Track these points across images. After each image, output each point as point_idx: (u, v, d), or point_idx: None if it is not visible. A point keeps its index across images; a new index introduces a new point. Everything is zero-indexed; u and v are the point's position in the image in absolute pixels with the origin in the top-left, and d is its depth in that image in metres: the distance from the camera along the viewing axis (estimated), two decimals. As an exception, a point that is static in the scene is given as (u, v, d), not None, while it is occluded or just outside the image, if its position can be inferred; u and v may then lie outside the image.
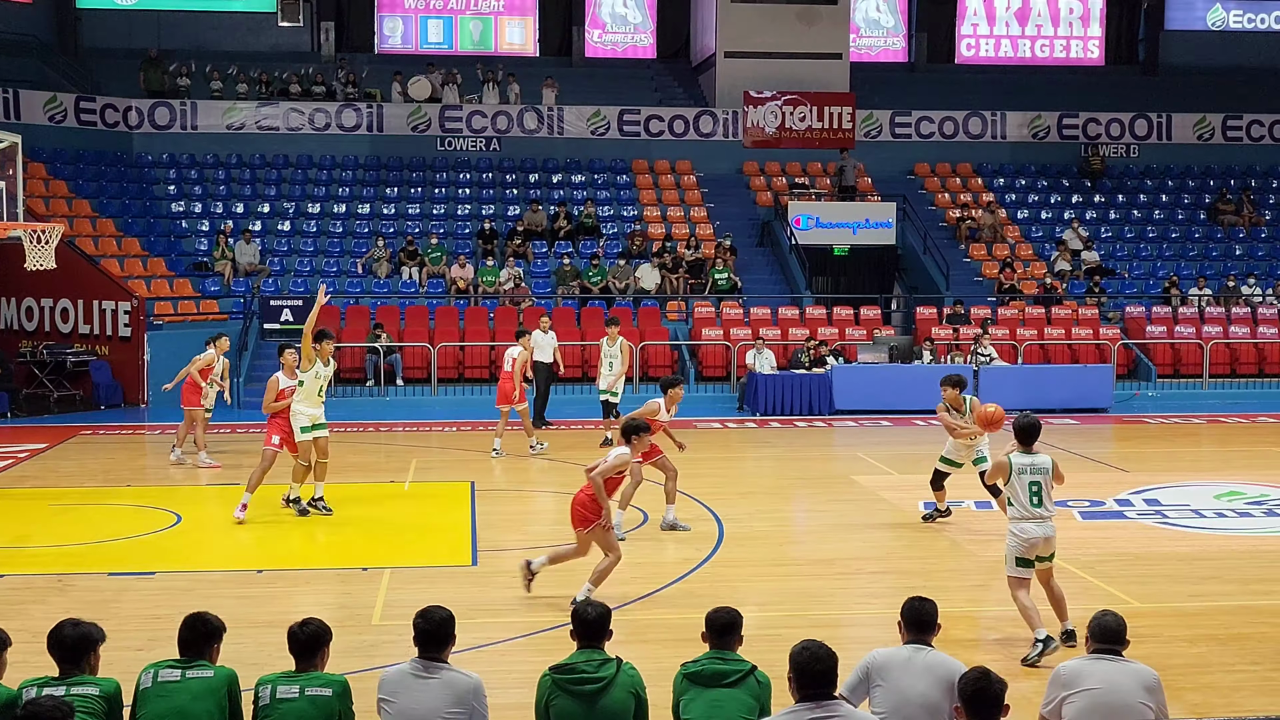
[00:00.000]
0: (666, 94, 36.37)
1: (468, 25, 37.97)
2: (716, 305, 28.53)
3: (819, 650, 5.78)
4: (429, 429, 22.34)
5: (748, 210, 33.17)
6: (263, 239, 30.44)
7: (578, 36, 38.12)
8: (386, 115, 33.47)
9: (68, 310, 24.98)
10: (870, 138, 34.45)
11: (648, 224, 31.82)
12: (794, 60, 34.20)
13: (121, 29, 35.57)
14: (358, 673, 7.88)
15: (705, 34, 36.33)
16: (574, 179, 33.73)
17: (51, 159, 30.63)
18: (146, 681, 6.35)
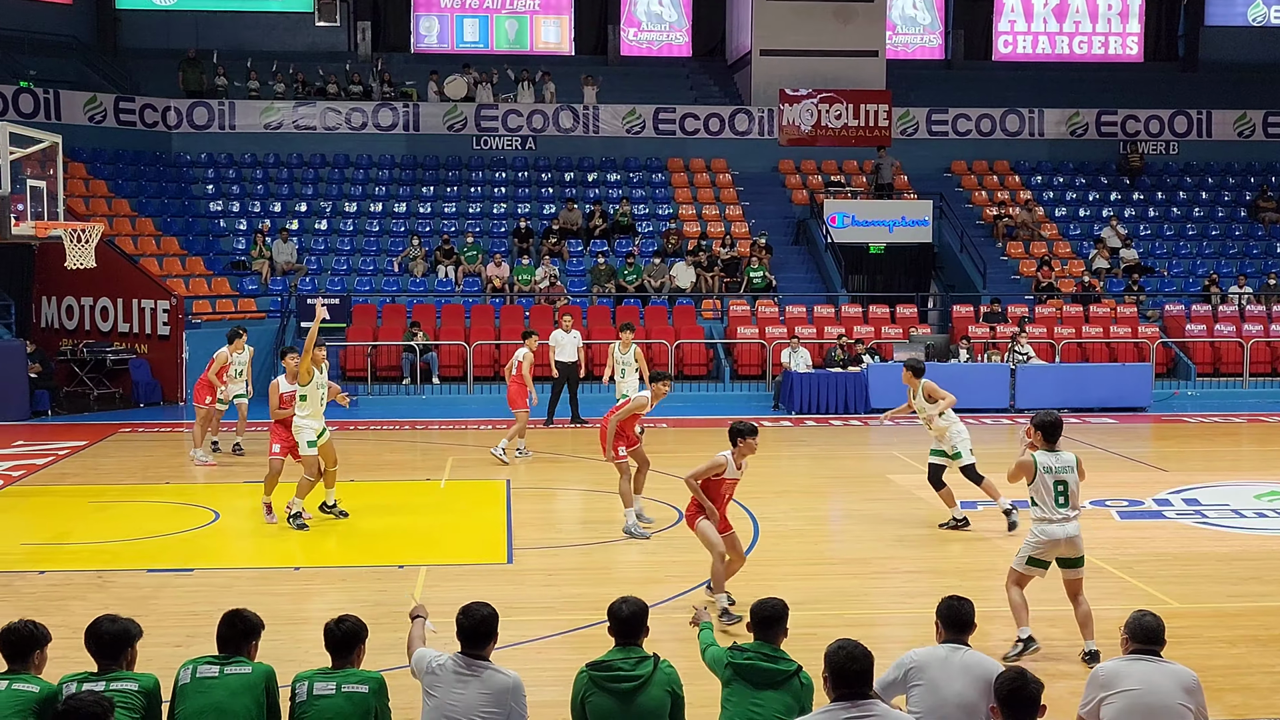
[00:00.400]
0: (702, 92, 36.33)
1: (503, 24, 38.04)
2: (752, 304, 28.48)
3: (855, 649, 5.76)
4: (464, 427, 22.40)
5: (783, 208, 33.10)
6: (300, 238, 30.61)
7: (613, 35, 38.13)
8: (422, 114, 33.59)
9: (107, 309, 25.19)
10: (906, 135, 34.32)
11: (683, 222, 31.80)
12: (830, 58, 34.08)
13: (160, 29, 35.83)
14: (394, 669, 7.90)
15: (741, 32, 36.26)
16: (609, 177, 33.75)
17: (91, 159, 30.89)
18: (185, 677, 6.40)
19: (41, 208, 14.37)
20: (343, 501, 14.79)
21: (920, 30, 39.15)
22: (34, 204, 14.21)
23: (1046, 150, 35.26)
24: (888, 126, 33.35)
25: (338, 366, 26.15)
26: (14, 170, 13.69)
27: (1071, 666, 9.23)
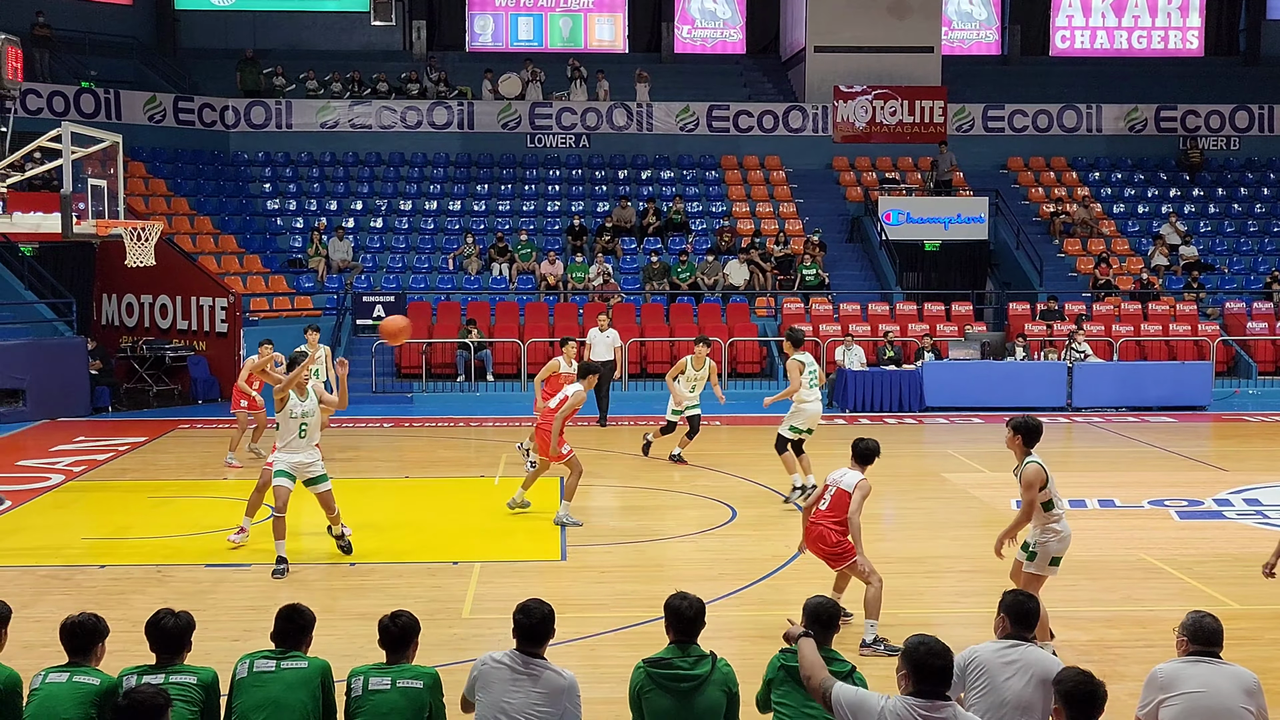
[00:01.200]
0: (756, 89, 36.25)
1: (558, 22, 38.13)
2: (805, 301, 28.38)
3: (936, 645, 5.62)
4: (519, 424, 22.45)
5: (837, 206, 32.96)
6: (355, 236, 30.82)
7: (667, 33, 38.11)
8: (477, 113, 33.73)
9: (166, 306, 25.46)
10: (962, 132, 34.08)
11: (736, 220, 31.74)
12: (885, 54, 33.90)
13: (219, 30, 36.21)
14: (447, 665, 7.94)
15: (795, 28, 36.14)
16: (663, 175, 33.75)
17: (151, 158, 31.26)
18: (242, 672, 6.47)
19: (102, 206, 14.53)
20: (398, 496, 14.87)
21: (976, 26, 38.85)
22: (95, 203, 14.38)
23: (1105, 146, 34.90)
24: (943, 123, 33.13)
25: (393, 363, 26.32)
26: (76, 169, 13.85)
27: (1129, 667, 9.13)
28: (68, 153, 13.68)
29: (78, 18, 33.03)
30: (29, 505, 15.36)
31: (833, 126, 33.51)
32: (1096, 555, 12.74)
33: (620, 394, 24.73)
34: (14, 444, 19.92)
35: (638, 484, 16.87)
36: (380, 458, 19.10)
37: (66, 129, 13.85)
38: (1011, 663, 6.37)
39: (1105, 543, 13.35)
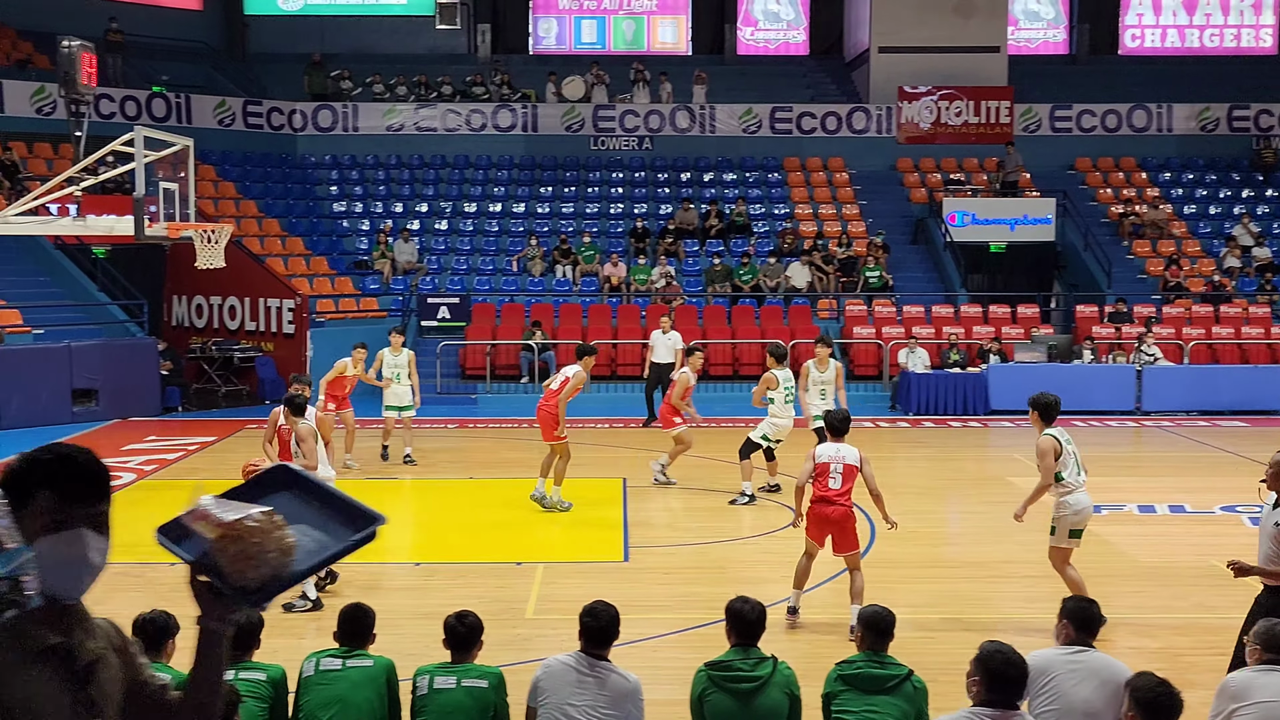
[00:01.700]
0: (819, 90, 36.11)
1: (621, 25, 38.21)
2: (868, 303, 28.24)
3: (1013, 655, 5.52)
4: (581, 426, 22.51)
5: (901, 207, 32.77)
6: (420, 238, 31.05)
7: (730, 34, 38.07)
8: (541, 115, 33.87)
9: (235, 308, 25.78)
10: (1029, 132, 33.76)
11: (799, 222, 31.64)
12: (950, 54, 33.63)
13: (286, 34, 36.62)
14: (511, 665, 7.99)
15: (859, 29, 35.97)
16: (726, 177, 33.71)
17: (220, 161, 31.66)
18: (309, 670, 6.55)
19: (173, 209, 14.76)
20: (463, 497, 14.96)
21: (1044, 25, 38.47)
22: (166, 206, 14.61)
23: (1175, 146, 34.42)
24: (1009, 123, 32.84)
25: (458, 365, 26.47)
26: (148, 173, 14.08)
27: (1200, 675, 9.00)
28: (140, 156, 13.91)
29: (150, 24, 33.53)
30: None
31: (897, 127, 33.31)
32: (1167, 561, 12.60)
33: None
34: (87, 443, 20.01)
35: (699, 485, 16.85)
36: (445, 459, 19.22)
37: (139, 133, 14.08)
38: (1078, 669, 6.29)
39: (1176, 549, 13.19)
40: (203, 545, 2.85)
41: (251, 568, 2.82)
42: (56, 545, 2.83)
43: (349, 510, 3.02)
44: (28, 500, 2.86)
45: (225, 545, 2.80)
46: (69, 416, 21.77)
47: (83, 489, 2.94)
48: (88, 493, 2.94)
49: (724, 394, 24.24)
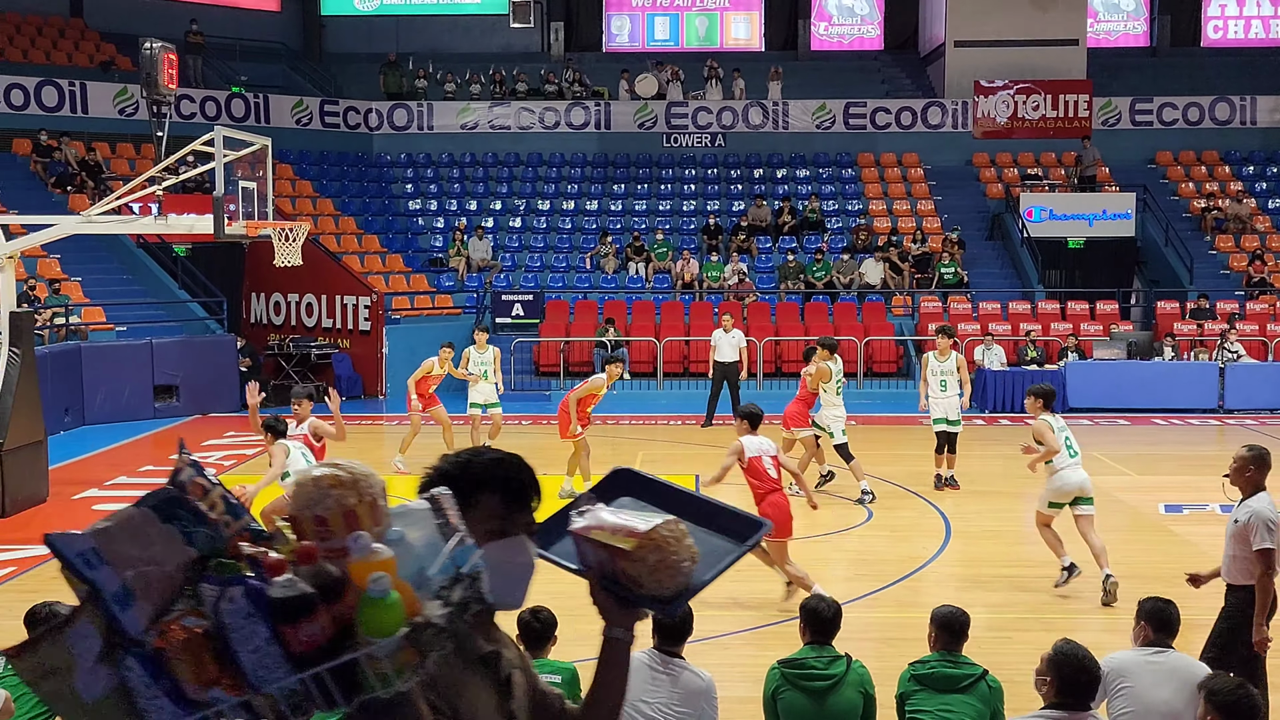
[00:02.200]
0: (893, 85, 35.86)
1: (694, 21, 38.17)
2: (943, 300, 28.00)
3: (1087, 660, 5.45)
4: (654, 422, 22.56)
5: (977, 203, 32.45)
6: (495, 235, 31.23)
7: (803, 30, 37.90)
8: (614, 113, 33.93)
9: (312, 305, 26.07)
10: (1108, 126, 33.28)
11: (873, 218, 31.44)
12: (1027, 47, 33.24)
13: (362, 34, 36.99)
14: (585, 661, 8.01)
15: (934, 23, 35.66)
16: (798, 173, 33.57)
17: (298, 160, 32.04)
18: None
19: (252, 208, 14.94)
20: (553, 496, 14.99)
21: (1124, 17, 37.90)
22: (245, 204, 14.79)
23: (1259, 139, 33.76)
24: (1088, 117, 32.38)
25: (531, 362, 26.57)
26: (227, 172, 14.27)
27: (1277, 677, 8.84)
28: (220, 156, 14.10)
29: (229, 25, 34.03)
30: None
31: (973, 122, 32.98)
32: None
33: (755, 394, 24.63)
34: (169, 438, 20.58)
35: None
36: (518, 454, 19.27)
37: (218, 133, 14.28)
38: (1157, 670, 6.20)
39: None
40: (596, 553, 2.77)
41: (668, 576, 2.74)
42: (502, 551, 2.73)
43: (723, 515, 2.92)
44: (471, 503, 2.75)
45: (644, 554, 2.70)
46: (151, 412, 22.15)
47: (523, 495, 2.88)
48: (527, 499, 2.89)
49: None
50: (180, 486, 2.52)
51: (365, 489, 2.53)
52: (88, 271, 24.89)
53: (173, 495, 2.51)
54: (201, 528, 2.50)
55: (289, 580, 2.39)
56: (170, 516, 2.48)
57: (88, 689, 2.43)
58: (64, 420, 20.51)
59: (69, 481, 16.51)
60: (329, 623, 2.38)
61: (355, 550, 2.42)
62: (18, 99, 28.21)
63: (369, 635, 2.36)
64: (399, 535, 2.50)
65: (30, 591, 11.23)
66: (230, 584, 2.40)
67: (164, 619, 2.42)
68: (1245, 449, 8.12)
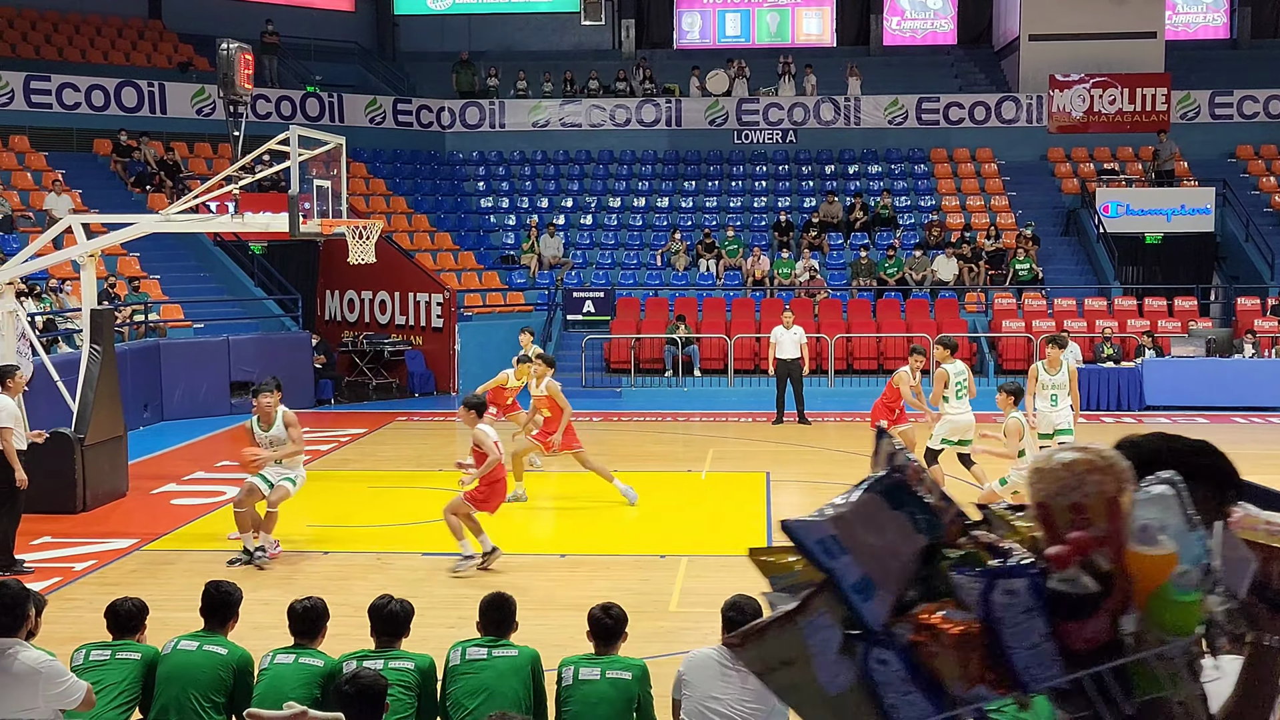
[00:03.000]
0: (967, 80, 35.52)
1: (765, 17, 38.05)
2: (1017, 296, 27.69)
3: None
4: (725, 419, 22.52)
5: (1051, 198, 32.07)
6: (566, 233, 31.32)
7: (876, 25, 37.66)
8: (685, 110, 33.90)
9: (385, 302, 26.31)
10: (1186, 119, 32.74)
11: (946, 214, 31.17)
12: (1103, 41, 32.80)
13: (435, 33, 37.26)
14: (655, 658, 8.01)
15: (1009, 17, 35.29)
16: (870, 169, 33.36)
17: (371, 159, 32.33)
18: (455, 659, 6.65)
19: (326, 206, 15.08)
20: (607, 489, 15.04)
21: (1203, 9, 37.27)
22: (319, 203, 14.92)
23: (1343, 132, 33.07)
24: (1166, 111, 31.89)
25: (602, 359, 26.62)
26: (302, 171, 14.41)
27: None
28: (295, 155, 14.25)
29: (303, 25, 34.41)
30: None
31: (1048, 117, 32.60)
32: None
33: (826, 390, 24.59)
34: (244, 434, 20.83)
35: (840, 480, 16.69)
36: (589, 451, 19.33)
37: (294, 132, 14.43)
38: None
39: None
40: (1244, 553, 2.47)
41: None
42: (1224, 543, 2.46)
43: None
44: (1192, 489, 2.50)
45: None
46: (227, 408, 22.45)
47: (1228, 483, 2.64)
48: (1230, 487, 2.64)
49: (870, 389, 23.98)
50: (900, 471, 2.45)
51: (1122, 475, 2.37)
52: (166, 269, 25.28)
53: (899, 480, 2.43)
54: (924, 514, 2.43)
55: (1072, 573, 2.26)
56: (899, 503, 2.41)
57: (831, 682, 2.35)
58: (143, 416, 20.85)
59: (148, 476, 16.79)
60: (1109, 618, 2.25)
61: (1141, 541, 2.27)
62: (98, 100, 28.71)
63: (1167, 633, 2.22)
64: (1158, 524, 2.32)
65: (111, 585, 11.44)
66: (1005, 576, 2.28)
67: (911, 611, 2.33)
68: None
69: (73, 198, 24.88)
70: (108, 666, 6.62)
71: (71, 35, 31.45)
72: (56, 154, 27.43)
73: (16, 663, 5.98)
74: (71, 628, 9.84)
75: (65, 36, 31.28)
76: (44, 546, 13.18)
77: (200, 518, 14.75)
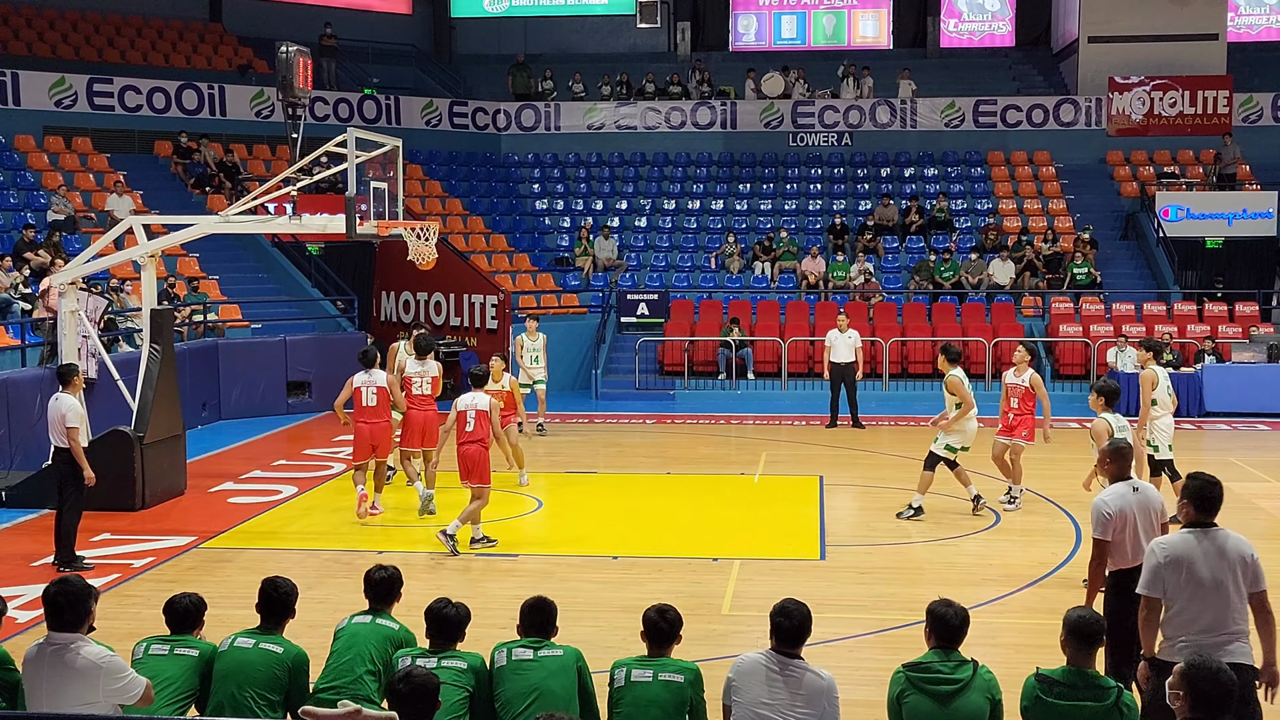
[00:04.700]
0: (1024, 83, 35.24)
1: (821, 20, 37.92)
2: (1075, 301, 27.44)
3: (1221, 673, 5.24)
4: (779, 422, 22.47)
5: (1110, 201, 31.74)
6: (620, 235, 31.36)
7: (932, 27, 37.44)
8: (740, 112, 33.85)
9: (440, 303, 26.44)
10: (1249, 122, 32.28)
11: (1003, 217, 30.92)
12: (1164, 42, 32.43)
13: (491, 35, 37.44)
14: (707, 661, 8.01)
15: (1067, 19, 34.97)
16: (926, 172, 33.16)
17: (427, 161, 32.53)
18: (501, 660, 6.65)
19: (383, 208, 15.17)
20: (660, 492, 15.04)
21: (1266, 10, 36.75)
22: (376, 204, 15.03)
23: None
24: (1227, 113, 31.48)
25: (656, 361, 26.63)
26: (359, 173, 14.52)
27: None
28: (352, 157, 14.35)
29: (361, 28, 34.68)
30: (314, 492, 16.22)
31: (1107, 119, 32.27)
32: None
33: (881, 394, 24.48)
34: (301, 434, 21.05)
35: (894, 485, 16.60)
36: (643, 453, 19.39)
37: (351, 134, 14.54)
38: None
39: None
40: None
41: None
42: None
43: None
44: None
45: None
46: (284, 408, 22.67)
47: None
48: None
49: (921, 393, 23.86)
50: None
51: None
52: (225, 270, 25.56)
53: None
54: None
55: None
56: None
57: None
58: (201, 415, 21.09)
59: (206, 474, 16.97)
60: None
61: None
62: (159, 102, 29.07)
63: None
64: None
65: (169, 581, 11.59)
66: None
67: None
68: None
69: (134, 199, 25.20)
70: (166, 661, 6.71)
71: (133, 38, 31.86)
72: (118, 156, 27.79)
73: (79, 658, 6.08)
74: (130, 624, 9.98)
75: (127, 40, 31.69)
76: (103, 543, 13.37)
77: (257, 516, 14.89)
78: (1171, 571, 6.78)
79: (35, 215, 24.25)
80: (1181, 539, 6.92)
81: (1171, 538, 7.00)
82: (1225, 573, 6.81)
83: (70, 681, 6.05)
